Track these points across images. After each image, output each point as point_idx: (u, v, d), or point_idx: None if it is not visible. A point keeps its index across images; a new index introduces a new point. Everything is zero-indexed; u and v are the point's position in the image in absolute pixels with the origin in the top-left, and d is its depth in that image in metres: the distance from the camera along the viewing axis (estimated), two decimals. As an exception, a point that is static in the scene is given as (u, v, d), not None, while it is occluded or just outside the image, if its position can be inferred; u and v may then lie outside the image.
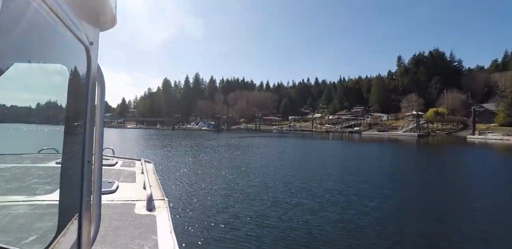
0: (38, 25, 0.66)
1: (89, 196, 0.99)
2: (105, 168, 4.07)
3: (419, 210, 6.95)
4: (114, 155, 5.59)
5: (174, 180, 9.81)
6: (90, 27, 0.95)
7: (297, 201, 7.38)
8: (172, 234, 1.97)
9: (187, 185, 9.12)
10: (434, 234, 5.36)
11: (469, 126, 54.49)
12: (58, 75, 0.88)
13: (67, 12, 0.74)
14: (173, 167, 12.94)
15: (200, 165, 13.58)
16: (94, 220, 1.02)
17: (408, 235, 5.32)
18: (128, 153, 16.60)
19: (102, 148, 1.07)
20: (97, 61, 1.00)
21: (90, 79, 0.95)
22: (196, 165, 13.75)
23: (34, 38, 0.69)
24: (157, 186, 3.34)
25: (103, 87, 1.06)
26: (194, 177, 10.39)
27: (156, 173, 4.27)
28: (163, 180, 9.04)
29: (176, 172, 11.60)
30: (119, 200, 2.69)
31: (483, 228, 5.68)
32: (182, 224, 5.33)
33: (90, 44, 0.93)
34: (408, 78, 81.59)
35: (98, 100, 1.03)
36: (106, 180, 3.07)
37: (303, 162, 15.53)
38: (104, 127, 1.08)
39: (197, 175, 10.82)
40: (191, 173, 11.30)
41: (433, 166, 14.96)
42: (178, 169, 12.18)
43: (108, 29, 1.13)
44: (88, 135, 0.95)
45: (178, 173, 11.26)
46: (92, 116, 0.98)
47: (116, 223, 2.09)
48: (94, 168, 1.01)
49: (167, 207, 2.56)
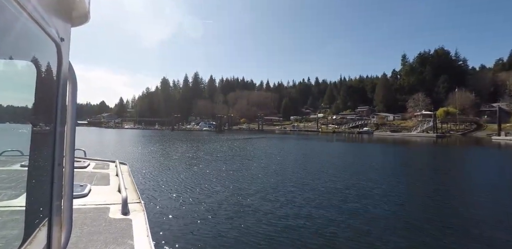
0: (3, 19, 0.63)
1: (59, 201, 0.94)
2: (76, 171, 3.71)
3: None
4: (86, 157, 5.23)
5: (150, 182, 9.23)
6: (60, 22, 0.90)
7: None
8: (149, 238, 1.89)
9: (163, 186, 8.57)
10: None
11: (483, 126, 52.61)
12: (25, 72, 0.82)
13: (35, 6, 0.70)
14: (149, 169, 11.58)
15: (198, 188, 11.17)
16: (65, 226, 0.98)
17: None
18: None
19: (73, 150, 1.02)
20: (68, 58, 0.95)
21: (60, 77, 0.90)
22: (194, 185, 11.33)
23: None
24: (133, 188, 3.17)
25: (75, 86, 1.01)
26: (174, 180, 9.16)
27: (131, 175, 4.01)
28: (140, 182, 8.68)
29: (153, 175, 10.60)
30: (92, 204, 2.53)
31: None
32: (159, 228, 5.16)
33: (61, 40, 0.88)
34: (414, 77, 79.62)
35: (69, 99, 0.98)
36: (77, 184, 2.86)
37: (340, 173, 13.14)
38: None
39: (179, 180, 9.78)
40: (169, 176, 10.36)
41: (485, 174, 12.66)
42: (156, 173, 10.92)
43: (81, 25, 1.05)
44: (59, 136, 0.91)
45: (155, 176, 10.27)
46: (63, 116, 0.93)
47: (89, 229, 1.99)
48: (65, 170, 0.97)
49: (144, 210, 2.43)
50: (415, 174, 12.39)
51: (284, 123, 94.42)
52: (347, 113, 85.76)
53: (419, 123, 58.22)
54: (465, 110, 60.97)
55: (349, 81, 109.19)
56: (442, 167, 14.75)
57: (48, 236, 0.88)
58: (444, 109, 58.21)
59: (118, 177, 3.37)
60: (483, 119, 56.53)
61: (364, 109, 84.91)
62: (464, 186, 10.32)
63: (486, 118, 56.76)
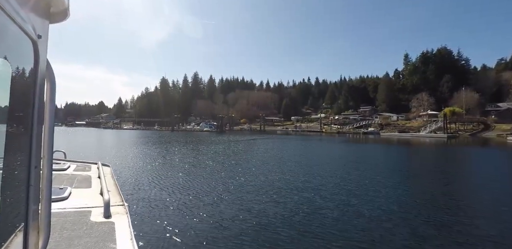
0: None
1: (37, 205, 0.91)
2: (56, 173, 3.56)
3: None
4: (66, 159, 5.00)
5: (134, 185, 8.90)
6: (38, 18, 0.87)
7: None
8: (132, 241, 1.81)
9: (147, 187, 8.46)
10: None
11: (491, 126, 51.54)
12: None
13: (11, 1, 0.68)
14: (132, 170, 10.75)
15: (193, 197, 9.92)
16: (43, 231, 0.94)
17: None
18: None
19: (52, 152, 0.98)
20: (46, 56, 0.92)
21: (37, 75, 0.87)
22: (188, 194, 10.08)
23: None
24: (116, 191, 3.02)
25: (53, 85, 0.96)
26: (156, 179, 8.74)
27: (114, 177, 3.74)
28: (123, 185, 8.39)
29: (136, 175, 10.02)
30: (72, 208, 2.44)
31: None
32: (144, 231, 5.04)
33: (38, 37, 0.85)
34: (417, 76, 78.55)
35: (47, 99, 0.94)
36: (56, 187, 2.76)
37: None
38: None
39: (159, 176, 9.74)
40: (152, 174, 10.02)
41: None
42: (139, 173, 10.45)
43: (60, 21, 1.00)
44: (36, 137, 0.88)
45: (139, 177, 9.82)
46: (40, 117, 0.90)
47: (69, 233, 1.90)
48: (43, 173, 0.93)
49: (127, 213, 2.34)
50: (457, 181, 11.23)
51: (285, 124, 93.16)
52: (349, 113, 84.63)
53: (425, 123, 57.02)
54: (470, 110, 60.01)
55: (350, 81, 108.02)
56: (483, 173, 13.30)
57: (24, 242, 0.86)
58: (450, 109, 57.06)
59: (100, 179, 3.22)
60: (490, 119, 55.46)
61: (366, 109, 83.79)
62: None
63: (493, 118, 55.76)
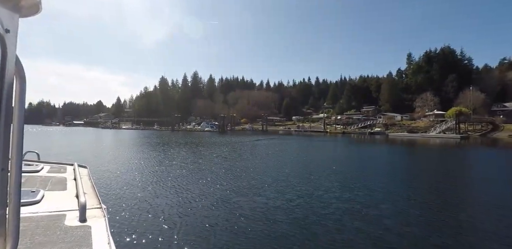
0: None
1: (4, 209, 0.88)
2: (27, 175, 3.29)
3: None
4: (40, 160, 4.53)
5: (113, 186, 8.65)
6: (5, 11, 0.82)
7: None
8: (110, 245, 1.74)
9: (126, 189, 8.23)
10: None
11: (499, 126, 50.42)
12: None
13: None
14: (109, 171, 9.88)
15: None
16: (11, 237, 0.90)
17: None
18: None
19: (21, 153, 0.95)
20: (15, 52, 0.86)
21: (6, 72, 0.83)
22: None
23: None
24: (93, 193, 2.84)
25: (23, 83, 0.92)
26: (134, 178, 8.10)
27: (92, 179, 3.45)
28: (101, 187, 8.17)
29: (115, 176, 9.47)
30: (45, 212, 2.29)
31: None
32: (122, 234, 4.85)
33: (6, 31, 0.81)
34: (421, 76, 77.42)
35: (16, 97, 0.90)
36: (28, 190, 2.60)
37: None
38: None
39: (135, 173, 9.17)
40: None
41: None
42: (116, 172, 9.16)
43: (31, 15, 0.95)
44: (3, 138, 0.84)
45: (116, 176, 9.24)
46: (8, 116, 0.86)
47: (41, 238, 1.77)
48: (11, 175, 0.89)
49: (105, 216, 2.21)
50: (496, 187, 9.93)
51: (286, 123, 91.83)
52: (352, 113, 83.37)
53: (432, 124, 55.77)
54: (476, 110, 58.93)
55: (350, 81, 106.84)
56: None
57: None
58: (456, 109, 55.89)
59: (76, 181, 2.97)
60: (498, 119, 54.36)
61: (370, 109, 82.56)
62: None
63: (502, 118, 54.67)
